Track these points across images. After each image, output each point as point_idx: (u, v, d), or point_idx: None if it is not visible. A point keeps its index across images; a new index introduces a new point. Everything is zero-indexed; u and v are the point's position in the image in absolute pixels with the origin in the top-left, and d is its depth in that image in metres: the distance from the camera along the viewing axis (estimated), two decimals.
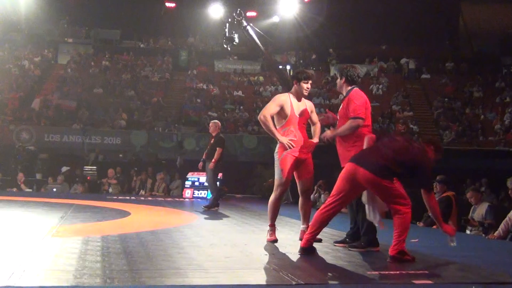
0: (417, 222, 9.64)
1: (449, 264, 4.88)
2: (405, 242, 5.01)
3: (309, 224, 6.10)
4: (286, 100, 6.14)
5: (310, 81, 6.21)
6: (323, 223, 5.22)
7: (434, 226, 9.04)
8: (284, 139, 6.02)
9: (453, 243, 5.19)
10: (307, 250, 5.20)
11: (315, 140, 6.28)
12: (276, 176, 6.13)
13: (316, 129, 6.40)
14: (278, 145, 6.13)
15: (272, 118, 6.14)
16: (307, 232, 5.32)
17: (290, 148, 5.98)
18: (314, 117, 6.37)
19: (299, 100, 6.19)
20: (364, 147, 5.42)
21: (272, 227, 6.20)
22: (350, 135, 5.69)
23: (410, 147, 5.11)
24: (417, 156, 5.08)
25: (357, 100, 5.69)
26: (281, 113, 6.12)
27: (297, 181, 6.24)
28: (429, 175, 5.22)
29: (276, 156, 6.16)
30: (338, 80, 6.05)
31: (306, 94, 6.22)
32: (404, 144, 5.13)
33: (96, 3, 29.90)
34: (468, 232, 8.80)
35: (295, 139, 6.04)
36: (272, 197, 6.18)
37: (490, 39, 31.69)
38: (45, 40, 29.59)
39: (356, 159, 5.14)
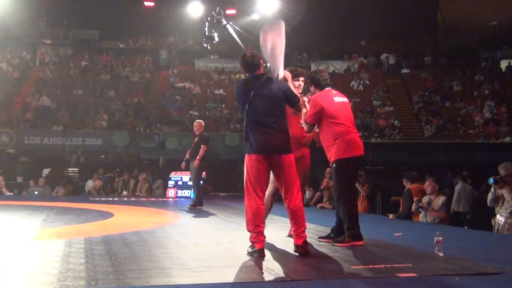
0: (388, 215, 9.73)
1: (432, 256, 4.92)
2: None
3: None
4: None
5: (301, 78, 6.22)
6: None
7: (416, 219, 9.14)
8: None
9: None
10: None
11: None
12: None
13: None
14: None
15: None
16: (299, 232, 5.11)
17: None
18: None
19: None
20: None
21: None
22: (329, 134, 5.79)
23: (272, 102, 5.14)
24: (278, 93, 5.19)
25: (310, 106, 5.84)
26: None
27: None
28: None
29: None
30: (311, 87, 6.13)
31: (298, 91, 6.19)
32: (268, 103, 5.13)
33: (73, 4, 29.61)
34: (422, 218, 8.90)
35: None
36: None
37: (468, 33, 31.99)
38: (23, 42, 29.25)
39: (262, 150, 5.09)
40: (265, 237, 5.07)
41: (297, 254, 5.02)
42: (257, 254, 4.89)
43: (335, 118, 5.79)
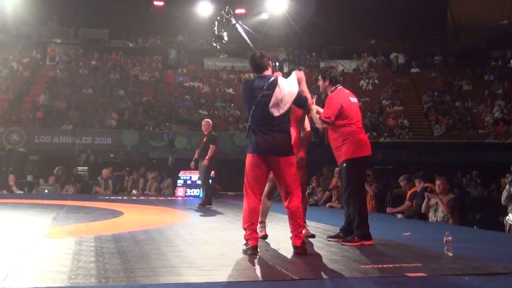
0: (397, 214, 9.72)
1: (441, 256, 4.92)
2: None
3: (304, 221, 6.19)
4: None
5: None
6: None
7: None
8: None
9: None
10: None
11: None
12: None
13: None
14: None
15: None
16: (297, 232, 5.20)
17: None
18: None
19: None
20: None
21: (262, 224, 6.22)
22: (339, 134, 5.79)
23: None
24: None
25: (329, 103, 5.85)
26: None
27: None
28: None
29: None
30: (321, 82, 6.13)
31: None
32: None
33: (83, 3, 29.71)
34: (431, 219, 8.87)
35: None
36: None
37: (478, 32, 31.81)
38: (34, 41, 29.39)
39: (261, 151, 5.16)
40: (261, 235, 5.27)
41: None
42: (251, 251, 5.01)
43: (348, 118, 5.81)
